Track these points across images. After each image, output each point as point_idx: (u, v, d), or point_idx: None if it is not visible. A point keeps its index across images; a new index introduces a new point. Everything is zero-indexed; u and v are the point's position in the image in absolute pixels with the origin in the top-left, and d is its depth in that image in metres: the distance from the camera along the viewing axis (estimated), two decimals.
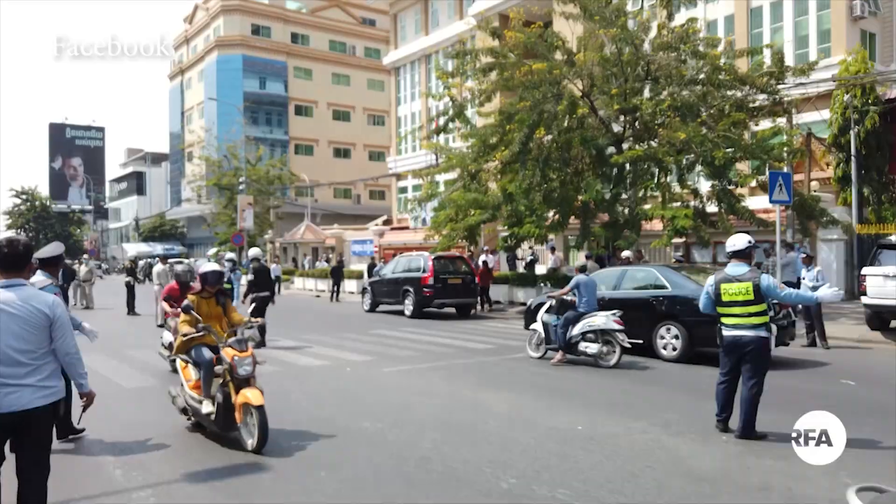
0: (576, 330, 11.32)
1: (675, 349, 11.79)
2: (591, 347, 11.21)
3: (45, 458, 4.23)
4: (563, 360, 11.44)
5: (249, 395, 6.33)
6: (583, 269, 12.14)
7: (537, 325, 12.16)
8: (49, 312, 4.05)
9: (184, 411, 7.19)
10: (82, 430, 7.11)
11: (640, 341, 12.20)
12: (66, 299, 17.24)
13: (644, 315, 12.24)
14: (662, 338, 12.01)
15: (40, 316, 4.02)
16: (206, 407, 6.64)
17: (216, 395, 6.59)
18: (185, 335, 6.89)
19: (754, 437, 6.69)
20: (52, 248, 6.58)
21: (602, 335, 11.16)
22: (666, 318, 11.96)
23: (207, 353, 6.88)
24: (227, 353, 6.50)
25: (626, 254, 17.63)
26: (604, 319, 11.13)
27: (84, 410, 4.65)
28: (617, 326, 11.08)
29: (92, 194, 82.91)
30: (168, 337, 10.34)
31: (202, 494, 5.46)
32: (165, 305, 10.11)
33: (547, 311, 12.09)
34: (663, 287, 12.30)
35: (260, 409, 6.25)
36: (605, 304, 12.27)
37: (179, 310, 7.28)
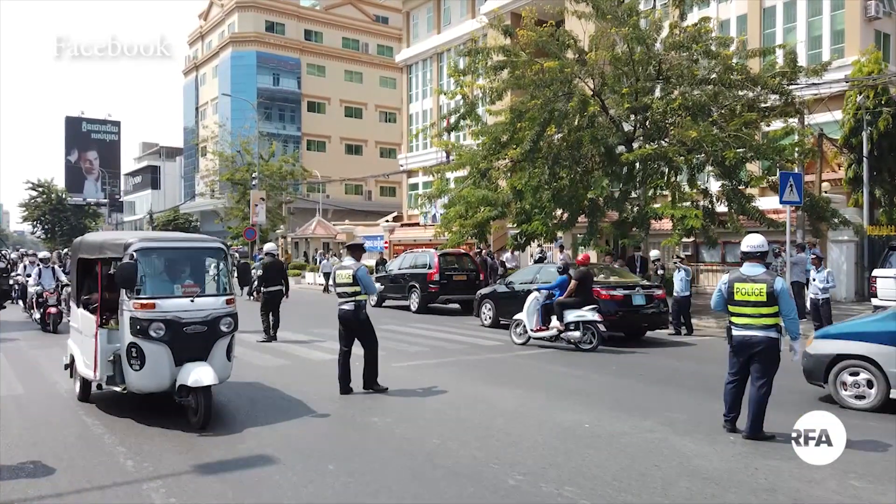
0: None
1: None
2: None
3: None
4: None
5: None
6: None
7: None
8: None
9: None
10: (385, 389, 9.06)
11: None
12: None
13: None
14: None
15: None
16: None
17: None
18: None
19: (762, 437, 6.70)
20: (355, 239, 9.37)
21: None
22: None
23: None
24: None
25: (654, 254, 17.63)
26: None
27: None
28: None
29: (107, 188, 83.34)
30: None
31: (212, 486, 5.54)
32: None
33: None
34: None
35: None
36: (525, 295, 14.62)
37: None
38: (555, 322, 13.20)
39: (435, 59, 43.23)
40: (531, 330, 13.50)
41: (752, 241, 6.96)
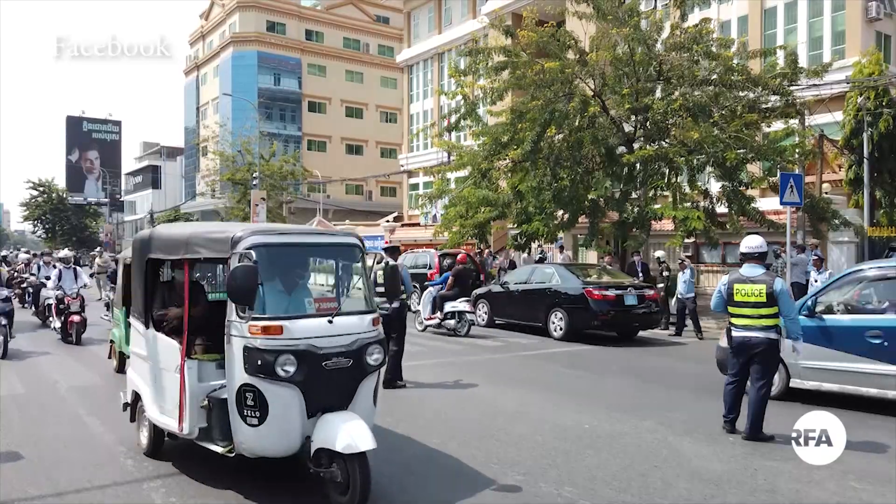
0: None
1: (561, 329, 14.62)
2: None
3: None
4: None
5: None
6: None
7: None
8: None
9: None
10: (404, 385, 9.33)
11: (540, 324, 15.15)
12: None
13: (542, 303, 15.26)
14: (553, 322, 14.81)
15: None
16: None
17: None
18: None
19: (761, 438, 6.71)
20: (392, 241, 10.03)
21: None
22: (555, 305, 14.90)
23: None
24: None
25: (659, 253, 17.67)
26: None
27: None
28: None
29: (108, 187, 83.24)
30: None
31: (212, 486, 5.54)
32: None
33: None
34: (557, 282, 15.22)
35: None
36: (519, 295, 15.93)
37: None
38: (437, 312, 15.25)
39: (436, 60, 43.20)
40: (424, 319, 15.62)
41: (752, 242, 6.96)
